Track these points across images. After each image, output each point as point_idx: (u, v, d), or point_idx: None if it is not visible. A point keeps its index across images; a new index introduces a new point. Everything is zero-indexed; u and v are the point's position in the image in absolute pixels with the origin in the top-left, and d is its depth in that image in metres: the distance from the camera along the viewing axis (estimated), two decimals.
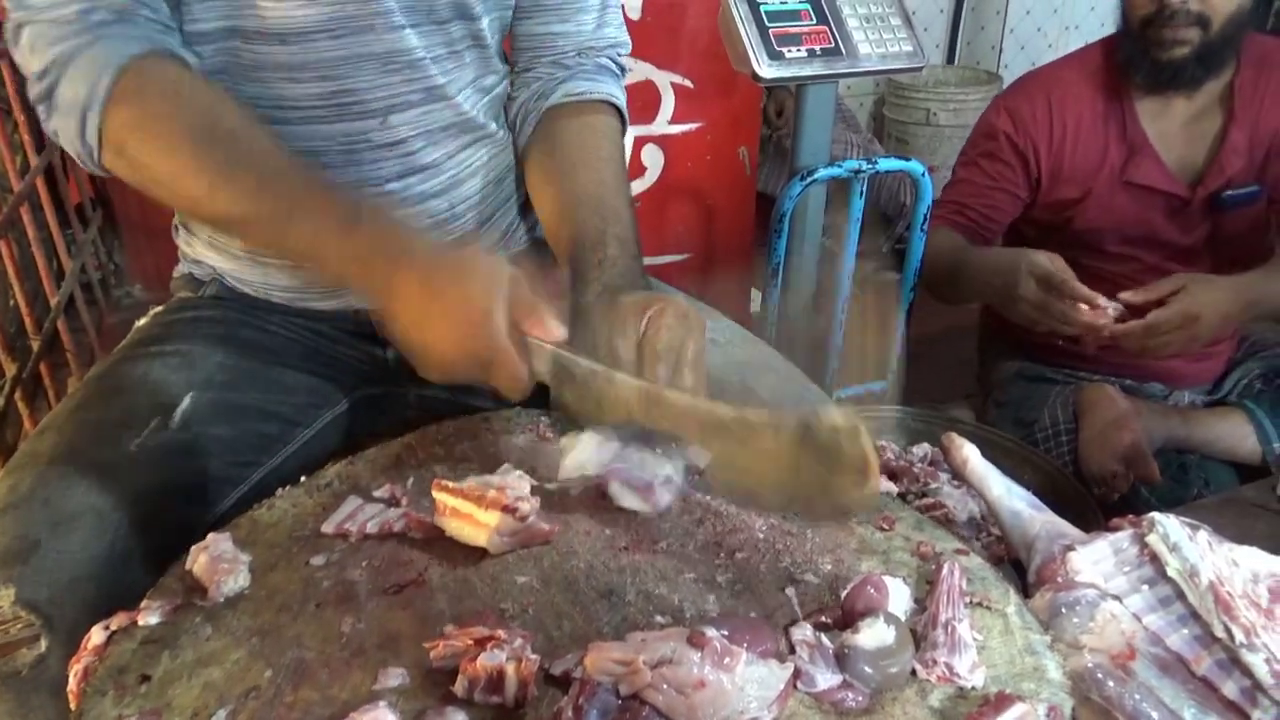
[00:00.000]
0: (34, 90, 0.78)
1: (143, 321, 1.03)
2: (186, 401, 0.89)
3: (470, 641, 0.60)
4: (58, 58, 0.76)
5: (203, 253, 1.02)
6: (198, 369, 0.92)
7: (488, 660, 0.59)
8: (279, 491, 0.81)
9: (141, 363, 0.93)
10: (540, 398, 0.78)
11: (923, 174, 1.60)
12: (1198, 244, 1.58)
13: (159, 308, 1.04)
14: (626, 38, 1.08)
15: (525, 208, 1.12)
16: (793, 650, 0.63)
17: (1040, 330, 1.44)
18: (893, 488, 0.82)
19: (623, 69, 1.09)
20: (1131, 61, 1.51)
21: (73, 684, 0.63)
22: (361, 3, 0.86)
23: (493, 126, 1.03)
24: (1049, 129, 1.58)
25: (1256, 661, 0.64)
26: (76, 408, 0.88)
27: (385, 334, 0.95)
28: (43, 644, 0.70)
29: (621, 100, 1.05)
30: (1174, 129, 1.55)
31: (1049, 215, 1.64)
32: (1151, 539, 0.73)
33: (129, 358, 0.94)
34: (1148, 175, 1.54)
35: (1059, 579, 0.72)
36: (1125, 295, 1.36)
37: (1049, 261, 1.38)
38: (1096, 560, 0.74)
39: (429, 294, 0.71)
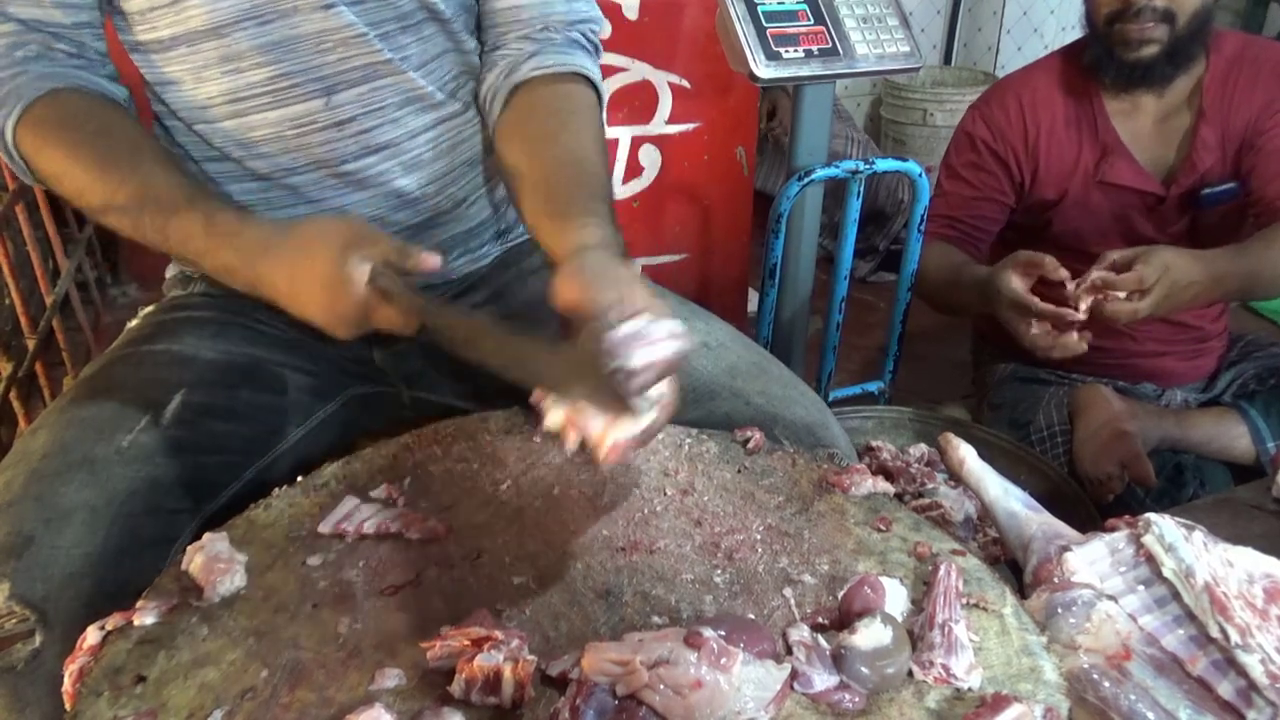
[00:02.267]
0: None
1: (134, 322, 1.03)
2: (177, 399, 0.89)
3: (467, 642, 0.60)
4: None
5: None
6: (189, 368, 0.93)
7: (484, 661, 0.59)
8: (275, 491, 0.81)
9: (133, 361, 0.93)
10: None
11: (919, 174, 1.59)
12: (1176, 241, 1.58)
13: (150, 307, 1.04)
14: (599, 14, 1.05)
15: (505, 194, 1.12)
16: (790, 651, 0.63)
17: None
18: (889, 488, 0.82)
19: (596, 47, 1.05)
20: (1099, 62, 1.51)
21: (68, 684, 0.63)
22: None
23: (458, 105, 1.01)
24: (1023, 132, 1.59)
25: (1251, 662, 0.65)
26: (68, 406, 0.88)
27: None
28: (37, 639, 0.71)
29: (596, 74, 1.02)
30: (1146, 128, 1.55)
31: (1029, 218, 1.65)
32: (1147, 539, 0.73)
33: (121, 357, 0.95)
34: (1121, 175, 1.55)
35: (1055, 579, 0.73)
36: (1098, 272, 1.34)
37: (1015, 282, 1.37)
38: (1092, 561, 0.74)
39: (291, 278, 0.77)
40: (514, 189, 0.98)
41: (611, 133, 2.03)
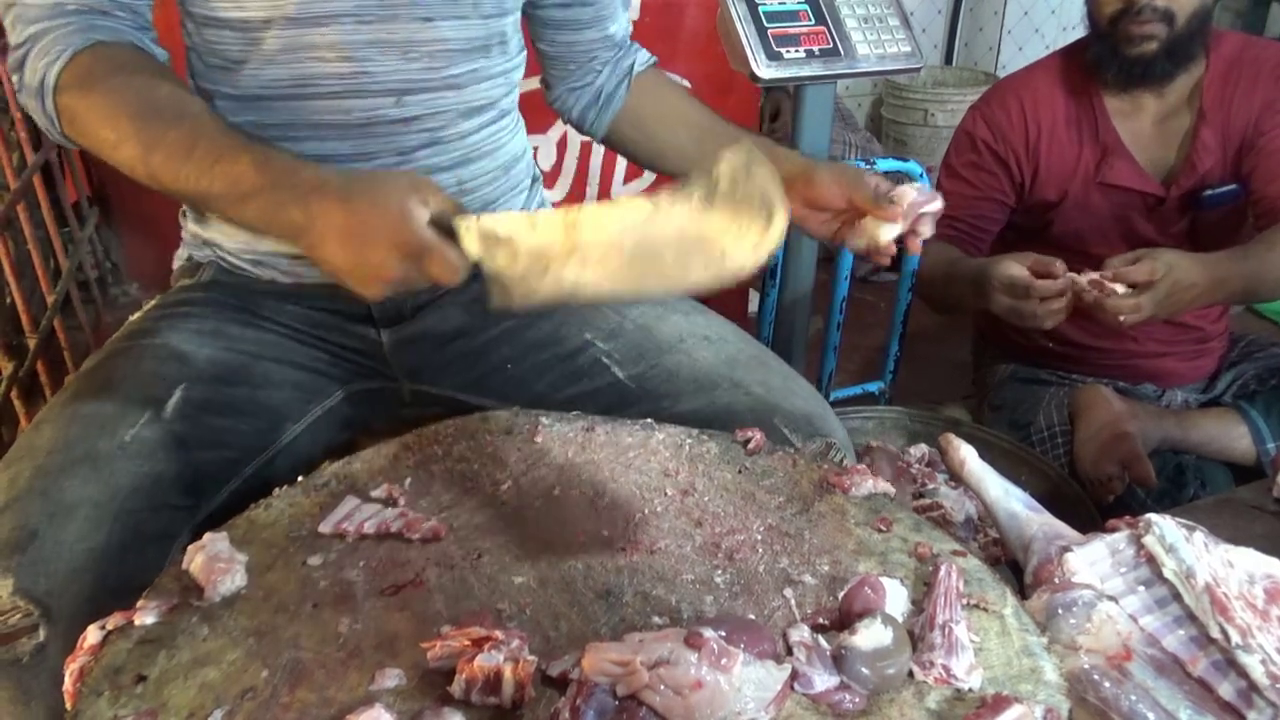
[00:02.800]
0: (10, 60, 0.86)
1: (136, 315, 1.03)
2: (178, 395, 0.90)
3: (467, 642, 0.60)
4: (31, 36, 0.84)
5: (212, 234, 1.03)
6: (188, 364, 0.93)
7: (485, 661, 0.59)
8: (276, 491, 0.81)
9: (134, 355, 0.94)
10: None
11: (920, 175, 1.60)
12: (1177, 242, 1.58)
13: (154, 300, 1.04)
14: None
15: (530, 199, 1.16)
16: (790, 651, 0.63)
17: (1037, 330, 1.44)
18: (890, 488, 0.82)
19: None
20: (1100, 61, 1.51)
21: (68, 684, 0.63)
22: None
23: (500, 111, 1.07)
24: (1024, 133, 1.58)
25: (1252, 663, 0.65)
26: (71, 400, 0.89)
27: (346, 290, 0.88)
28: (41, 633, 0.71)
29: (652, 57, 1.18)
30: (1146, 128, 1.55)
31: (1029, 219, 1.64)
32: (1148, 540, 0.73)
33: (122, 350, 0.95)
34: (1121, 175, 1.54)
35: (1056, 580, 0.73)
36: (1099, 275, 1.34)
37: (1014, 268, 1.36)
38: (1093, 561, 0.74)
39: (348, 210, 0.74)
40: (671, 159, 1.14)
41: None
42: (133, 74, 0.83)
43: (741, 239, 0.69)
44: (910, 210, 0.95)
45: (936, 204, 0.98)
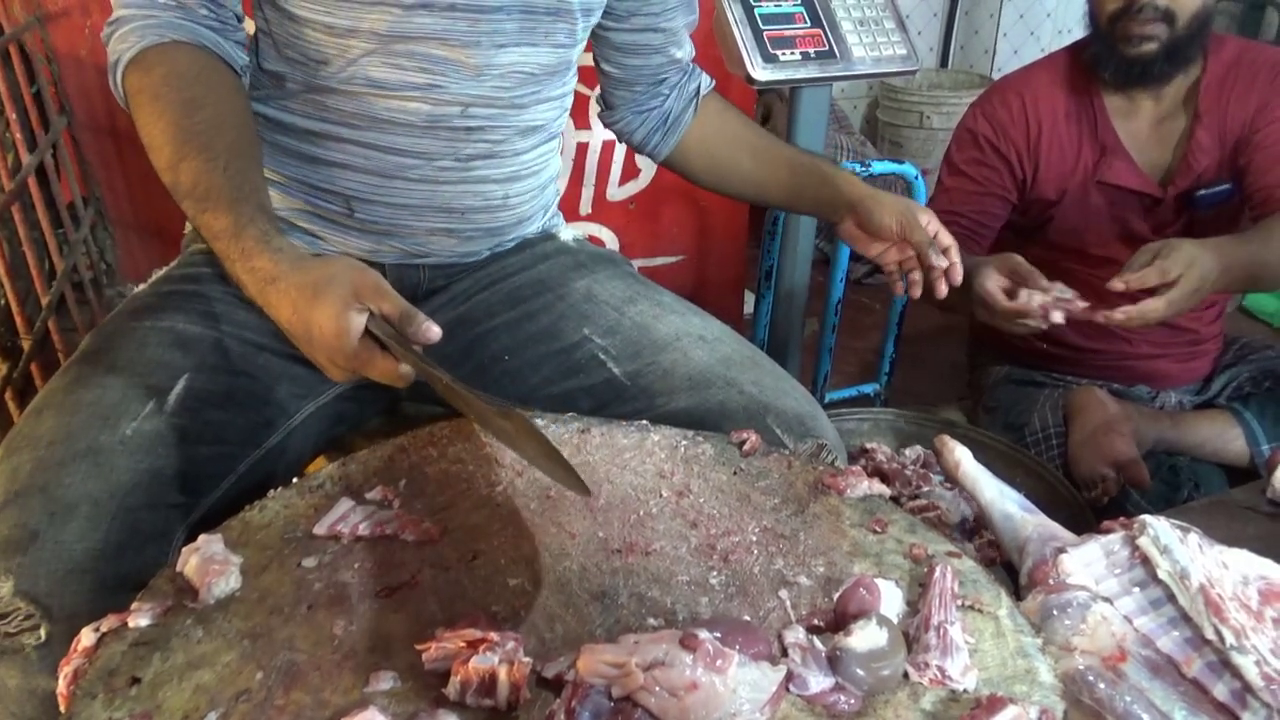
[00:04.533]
0: (104, 32, 0.92)
1: (143, 288, 1.03)
2: (181, 384, 0.90)
3: (462, 644, 0.60)
4: (119, 18, 0.90)
5: None
6: (193, 350, 0.93)
7: (480, 663, 0.59)
8: (270, 493, 0.81)
9: (138, 338, 0.93)
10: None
11: (916, 177, 1.60)
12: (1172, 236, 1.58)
13: (161, 271, 1.05)
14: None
15: (547, 210, 1.19)
16: (785, 653, 0.63)
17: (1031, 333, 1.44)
18: (885, 490, 0.82)
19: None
20: (1100, 59, 1.51)
21: (62, 686, 0.63)
22: (474, 20, 0.94)
23: (551, 134, 1.11)
24: (1025, 130, 1.59)
25: (1246, 664, 0.65)
26: (73, 385, 0.88)
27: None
28: (42, 633, 0.72)
29: (711, 81, 1.24)
30: (1144, 129, 1.56)
31: (1028, 218, 1.65)
32: (1142, 541, 0.73)
33: (126, 331, 0.95)
34: (1119, 175, 1.55)
35: (1050, 581, 0.73)
36: (1112, 283, 1.33)
37: (990, 280, 1.35)
38: (1088, 563, 0.74)
39: (293, 312, 0.77)
40: (738, 183, 1.21)
41: (608, 134, 2.03)
42: (184, 87, 0.87)
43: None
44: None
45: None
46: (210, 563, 0.70)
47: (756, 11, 1.41)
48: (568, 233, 1.19)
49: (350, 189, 1.02)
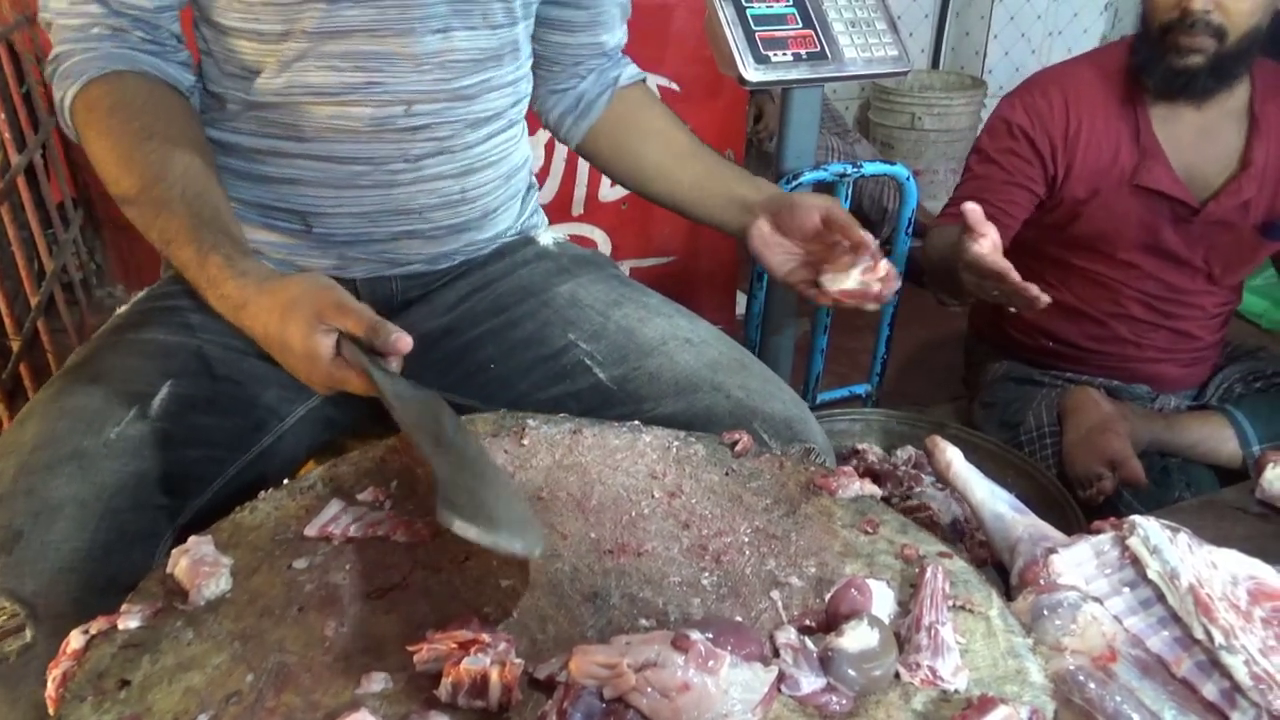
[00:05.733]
0: (45, 72, 0.93)
1: (123, 309, 1.03)
2: (164, 390, 0.90)
3: (454, 645, 0.60)
4: (59, 55, 0.91)
5: None
6: (176, 357, 0.93)
7: (471, 664, 0.59)
8: (261, 494, 0.81)
9: (120, 350, 0.93)
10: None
11: (907, 178, 1.60)
12: (1196, 257, 1.58)
13: (142, 293, 1.04)
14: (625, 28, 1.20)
15: (524, 203, 1.17)
16: (777, 653, 0.63)
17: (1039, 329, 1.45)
18: (877, 490, 0.82)
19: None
20: (1146, 66, 1.50)
21: (51, 689, 0.63)
22: (404, 7, 0.92)
23: (507, 123, 1.07)
24: (1064, 125, 1.56)
25: (1235, 663, 0.65)
26: (58, 395, 0.88)
27: None
28: (28, 634, 0.71)
29: (640, 73, 1.21)
30: (1185, 138, 1.54)
31: (1055, 217, 1.62)
32: (1132, 542, 0.74)
33: (109, 345, 0.95)
34: (1159, 180, 1.53)
35: (1041, 581, 0.73)
36: None
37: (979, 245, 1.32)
38: (1078, 563, 0.74)
39: (268, 340, 0.79)
40: (648, 175, 1.16)
41: None
42: (131, 117, 0.87)
43: None
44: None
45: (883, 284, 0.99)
46: (200, 564, 0.70)
47: (748, 12, 1.41)
48: (548, 236, 1.18)
49: (305, 204, 1.00)
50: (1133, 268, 1.60)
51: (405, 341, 0.75)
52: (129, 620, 0.66)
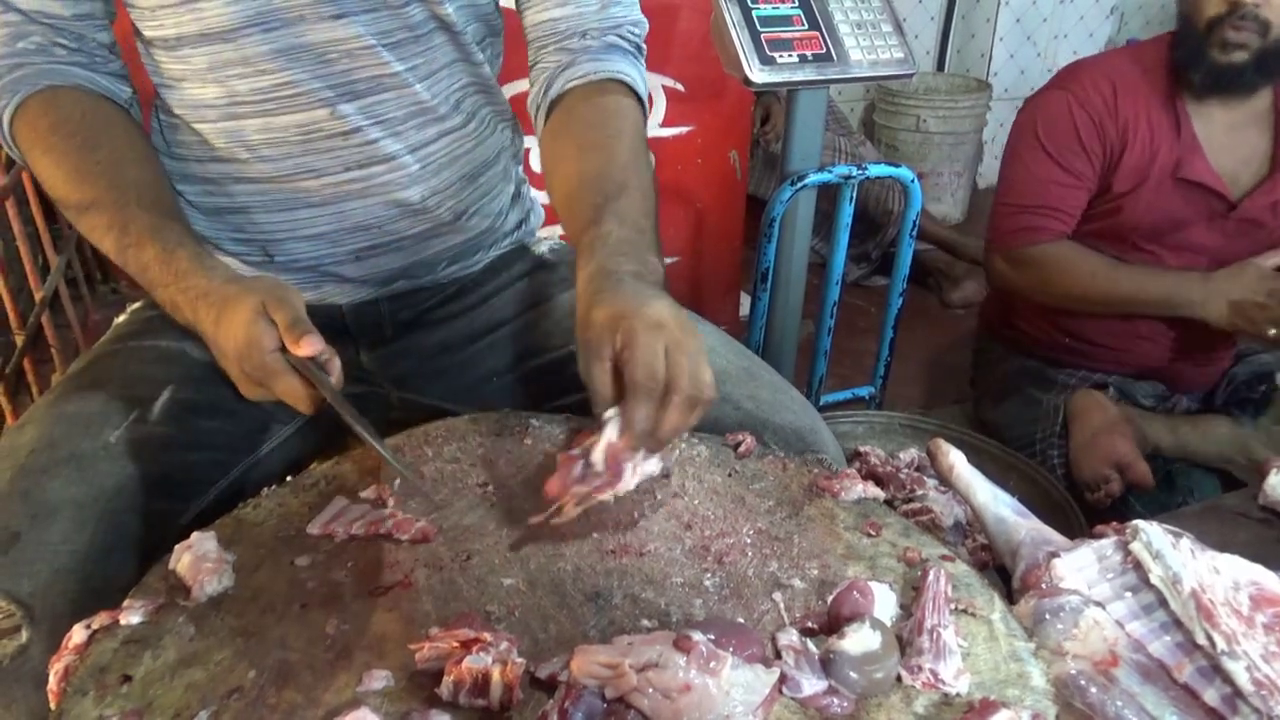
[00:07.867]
0: None
1: (122, 318, 1.03)
2: (165, 395, 0.89)
3: (456, 644, 0.60)
4: None
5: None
6: (176, 364, 0.93)
7: (473, 663, 0.59)
8: (264, 491, 0.81)
9: (120, 357, 0.93)
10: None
11: (912, 180, 1.60)
12: (1224, 254, 1.58)
13: (139, 303, 1.04)
14: (638, 14, 1.03)
15: (511, 205, 1.12)
16: (779, 655, 0.63)
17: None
18: (879, 493, 0.82)
19: (638, 47, 1.03)
20: (1189, 61, 1.50)
21: (53, 683, 0.63)
22: None
23: (462, 118, 1.01)
24: (1116, 119, 1.56)
25: (1237, 669, 0.65)
26: (56, 401, 0.88)
27: (360, 334, 1.01)
28: (24, 635, 0.71)
29: (634, 76, 0.99)
30: (1216, 136, 1.55)
31: (1094, 209, 1.62)
32: (1135, 546, 0.73)
33: (109, 353, 0.95)
34: (1201, 174, 1.54)
35: (1043, 585, 0.73)
36: None
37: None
38: (1080, 567, 0.74)
39: (215, 333, 0.80)
40: (554, 205, 0.95)
41: None
42: (74, 132, 0.86)
43: None
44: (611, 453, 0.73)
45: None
46: (203, 560, 0.70)
47: (754, 14, 1.41)
48: (545, 242, 1.14)
49: (260, 233, 0.98)
50: (1160, 263, 1.60)
51: (314, 346, 0.77)
52: (131, 616, 0.66)
